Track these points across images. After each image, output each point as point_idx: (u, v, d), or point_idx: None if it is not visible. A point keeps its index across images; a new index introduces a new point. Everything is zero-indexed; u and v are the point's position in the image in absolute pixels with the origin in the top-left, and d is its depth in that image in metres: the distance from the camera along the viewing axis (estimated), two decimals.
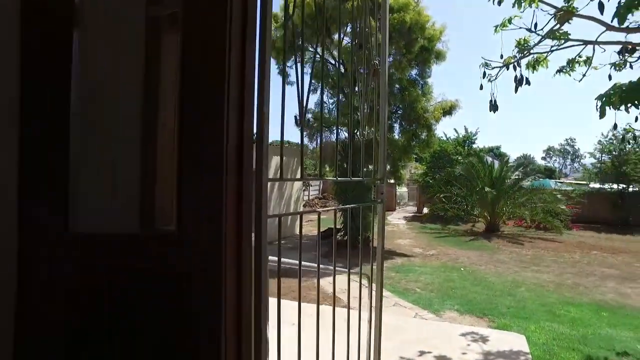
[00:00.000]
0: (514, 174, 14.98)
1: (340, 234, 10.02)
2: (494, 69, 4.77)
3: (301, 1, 1.51)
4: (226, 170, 0.97)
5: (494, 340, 4.17)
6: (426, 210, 17.41)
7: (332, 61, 9.96)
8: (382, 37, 2.38)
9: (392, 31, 9.01)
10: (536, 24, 4.36)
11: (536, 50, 4.59)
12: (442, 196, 14.84)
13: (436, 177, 16.45)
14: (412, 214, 18.68)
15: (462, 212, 14.68)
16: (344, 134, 10.16)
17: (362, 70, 2.27)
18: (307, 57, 8.50)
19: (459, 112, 11.07)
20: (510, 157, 20.59)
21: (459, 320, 5.47)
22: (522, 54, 4.62)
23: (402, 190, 22.36)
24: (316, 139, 10.36)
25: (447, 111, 10.88)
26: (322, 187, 22.03)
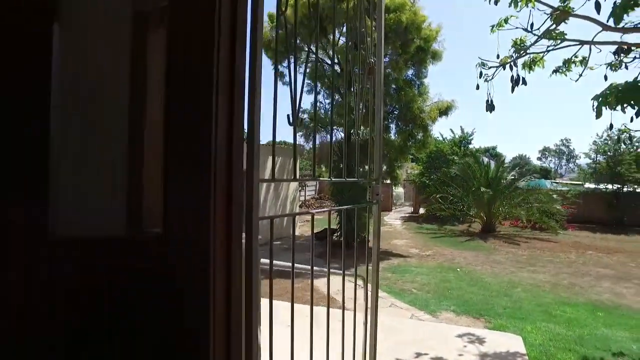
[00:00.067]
0: (510, 174, 15.04)
1: (336, 235, 10.01)
2: (490, 68, 4.77)
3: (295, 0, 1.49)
4: (215, 170, 0.94)
5: (491, 341, 4.15)
6: (422, 210, 17.43)
7: (328, 61, 9.94)
8: (377, 37, 2.36)
9: (388, 31, 9.00)
10: (532, 24, 4.36)
11: (532, 50, 4.60)
12: (438, 196, 14.86)
13: (432, 177, 16.47)
14: (409, 215, 18.72)
15: (459, 213, 14.71)
16: (340, 134, 10.16)
17: (358, 70, 2.25)
18: (302, 57, 8.48)
19: (455, 113, 11.10)
20: (506, 157, 20.66)
21: (455, 321, 5.46)
22: (519, 54, 4.62)
23: (399, 190, 22.40)
24: (312, 139, 10.33)
25: (443, 112, 10.89)
26: (318, 188, 22.02)
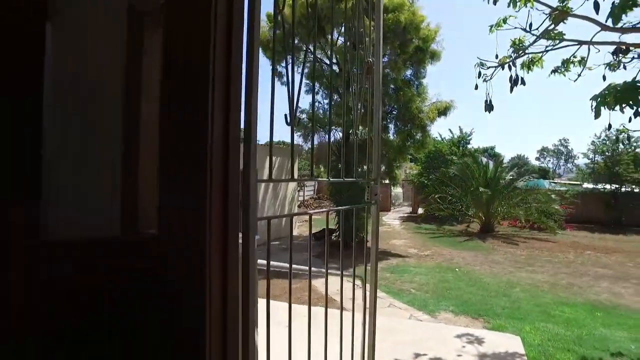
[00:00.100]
0: (509, 175, 15.05)
1: (335, 234, 9.99)
2: (489, 68, 4.75)
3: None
4: (210, 170, 0.92)
5: (489, 341, 4.14)
6: (421, 210, 17.44)
7: (327, 61, 9.93)
8: (376, 37, 2.35)
9: (386, 31, 8.99)
10: (531, 24, 4.36)
11: (531, 50, 4.59)
12: (437, 196, 14.86)
13: (431, 177, 16.48)
14: (407, 215, 18.72)
15: (457, 213, 14.72)
16: (339, 134, 10.15)
17: (356, 70, 2.23)
18: (301, 57, 8.47)
19: (453, 113, 11.11)
20: (504, 157, 20.72)
21: (454, 321, 5.45)
22: (517, 54, 4.61)
23: (397, 190, 22.40)
24: (311, 139, 10.32)
25: (442, 112, 10.90)
26: (317, 188, 22.01)
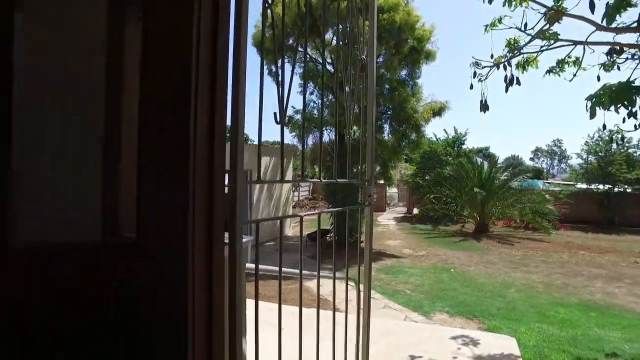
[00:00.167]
0: (503, 175, 15.09)
1: (329, 235, 9.96)
2: (484, 68, 4.74)
3: None
4: (194, 169, 0.88)
5: (485, 343, 4.12)
6: (416, 210, 17.44)
7: (320, 60, 9.89)
8: (370, 37, 2.31)
9: (381, 31, 8.97)
10: (526, 24, 4.33)
11: (526, 50, 4.57)
12: (431, 197, 14.87)
13: (426, 177, 16.48)
14: (402, 215, 18.71)
15: (452, 213, 14.72)
16: (334, 135, 10.11)
17: (350, 69, 2.20)
18: (294, 56, 8.42)
19: (448, 113, 11.12)
20: (499, 157, 20.76)
21: (449, 322, 5.43)
22: (512, 54, 4.60)
23: (392, 191, 22.40)
24: (305, 139, 10.28)
25: (437, 112, 10.90)
26: (312, 188, 21.97)
